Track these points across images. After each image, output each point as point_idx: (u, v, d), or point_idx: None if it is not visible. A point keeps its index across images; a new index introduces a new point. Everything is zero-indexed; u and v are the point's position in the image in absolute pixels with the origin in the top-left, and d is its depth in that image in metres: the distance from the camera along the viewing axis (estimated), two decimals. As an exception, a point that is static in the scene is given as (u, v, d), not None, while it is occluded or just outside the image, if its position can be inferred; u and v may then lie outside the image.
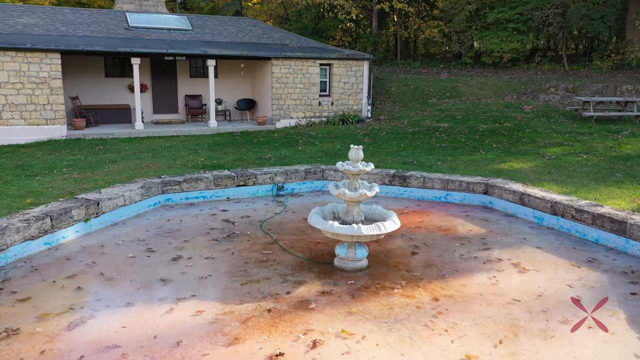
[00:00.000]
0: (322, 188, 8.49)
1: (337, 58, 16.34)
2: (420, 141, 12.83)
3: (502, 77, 21.65)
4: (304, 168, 8.42)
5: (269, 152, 11.33)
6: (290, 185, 8.22)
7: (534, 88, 19.47)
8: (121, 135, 13.24)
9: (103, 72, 15.18)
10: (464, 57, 28.19)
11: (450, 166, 9.78)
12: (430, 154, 11.16)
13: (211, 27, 17.88)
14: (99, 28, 15.54)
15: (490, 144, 12.23)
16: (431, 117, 16.25)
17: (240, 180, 7.77)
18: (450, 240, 5.87)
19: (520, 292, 4.42)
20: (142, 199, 6.79)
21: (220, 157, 10.60)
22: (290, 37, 18.66)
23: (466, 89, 19.40)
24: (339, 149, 11.80)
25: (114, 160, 10.07)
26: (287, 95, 15.78)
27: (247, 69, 17.17)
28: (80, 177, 8.36)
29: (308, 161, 10.27)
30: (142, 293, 4.26)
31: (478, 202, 7.63)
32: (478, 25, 26.53)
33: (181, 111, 16.55)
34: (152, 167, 9.48)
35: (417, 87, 19.38)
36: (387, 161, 10.30)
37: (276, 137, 13.85)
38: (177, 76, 16.32)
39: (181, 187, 7.34)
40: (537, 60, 25.65)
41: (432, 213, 7.15)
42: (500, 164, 10.02)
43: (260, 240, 5.75)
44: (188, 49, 13.99)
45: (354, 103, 16.96)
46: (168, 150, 11.44)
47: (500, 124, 14.69)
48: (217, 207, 7.18)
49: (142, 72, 15.69)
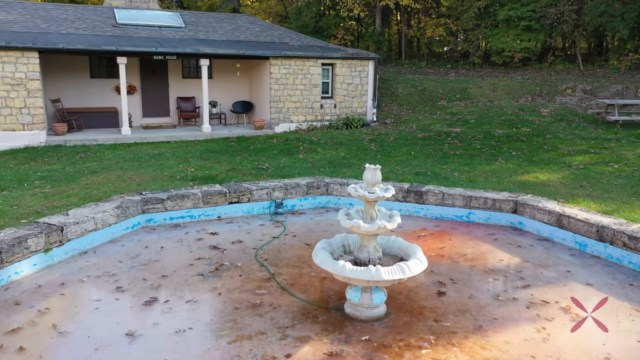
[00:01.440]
0: (327, 204, 7.64)
1: (341, 57, 15.51)
2: (431, 148, 11.99)
3: (514, 78, 20.81)
4: (306, 182, 7.57)
5: (266, 161, 10.49)
6: (291, 202, 7.37)
7: (549, 89, 18.63)
8: (106, 142, 12.39)
9: (88, 73, 14.34)
10: (472, 57, 27.38)
11: (468, 178, 8.93)
12: (445, 162, 10.32)
13: (205, 24, 17.06)
14: (84, 25, 14.72)
15: (508, 152, 11.38)
16: (441, 121, 15.41)
17: (233, 197, 6.91)
18: (480, 274, 5.02)
19: (581, 353, 3.56)
20: (117, 221, 5.94)
21: (213, 167, 9.75)
22: (290, 35, 17.83)
23: (477, 91, 18.56)
24: (343, 157, 10.96)
25: (94, 171, 9.22)
26: (287, 97, 14.95)
27: (244, 69, 16.34)
28: (52, 192, 7.51)
29: (310, 171, 9.42)
30: (100, 357, 3.40)
31: (506, 222, 6.77)
32: (487, 23, 25.71)
33: (173, 114, 15.71)
34: (135, 179, 8.63)
35: (425, 89, 18.54)
36: (398, 171, 9.45)
37: (275, 143, 13.01)
38: (169, 77, 15.48)
39: (165, 206, 6.49)
40: (549, 60, 24.82)
41: (454, 236, 6.29)
42: (524, 175, 9.17)
43: (254, 274, 4.89)
44: (179, 48, 13.16)
45: (358, 106, 16.12)
46: (156, 159, 10.60)
47: (517, 128, 13.84)
48: (205, 229, 6.33)
49: (130, 72, 14.87)
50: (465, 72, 24.44)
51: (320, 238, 6.04)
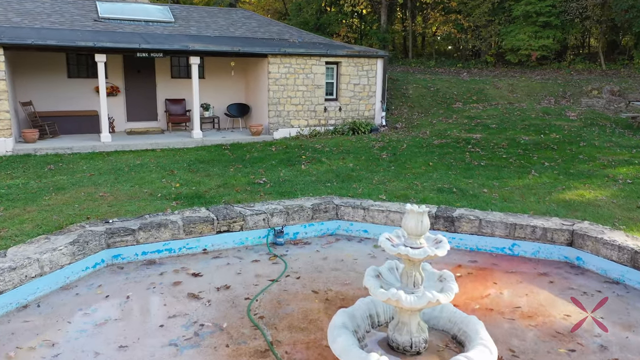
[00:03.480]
0: (336, 231, 6.48)
1: (346, 55, 14.36)
2: (451, 157, 10.83)
3: (533, 78, 19.67)
4: (311, 203, 6.41)
5: (264, 174, 9.33)
6: (293, 228, 6.22)
7: (573, 91, 17.49)
8: (82, 150, 11.23)
9: (65, 72, 13.19)
10: (485, 55, 26.27)
11: (501, 196, 7.78)
12: (469, 175, 9.16)
13: (197, 19, 15.92)
14: (62, 19, 13.57)
15: (540, 162, 10.23)
16: (459, 126, 14.25)
17: (222, 225, 5.75)
18: (547, 341, 3.85)
19: None
20: (73, 260, 4.78)
21: (202, 182, 8.59)
22: (290, 31, 16.70)
23: (495, 92, 17.42)
24: (352, 168, 9.80)
25: (61, 188, 8.05)
26: (287, 99, 13.79)
27: (240, 68, 15.20)
28: (4, 217, 6.35)
29: (314, 187, 8.27)
30: None
31: (559, 257, 5.62)
32: (501, 19, 24.61)
33: (161, 118, 14.56)
34: (108, 198, 7.47)
35: (439, 90, 17.39)
36: (417, 187, 8.30)
37: (273, 151, 11.85)
38: (156, 77, 14.33)
39: (136, 238, 5.33)
40: (568, 58, 23.69)
41: (498, 276, 5.14)
42: (566, 192, 8.02)
43: (245, 342, 3.73)
44: (166, 44, 12.01)
45: (365, 108, 14.97)
46: (136, 171, 9.44)
47: (545, 135, 12.68)
48: (186, 268, 5.17)
49: (112, 72, 13.73)
50: (477, 72, 23.32)
51: (329, 282, 4.90)
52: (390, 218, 6.21)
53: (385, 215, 6.23)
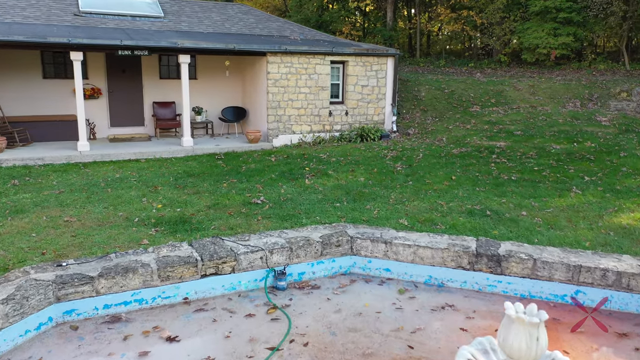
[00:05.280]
0: (350, 269, 5.38)
1: (354, 54, 13.27)
2: (475, 169, 9.74)
3: (554, 79, 18.57)
4: (320, 235, 5.31)
5: (262, 190, 8.24)
6: (298, 267, 5.11)
7: (600, 93, 16.39)
8: (55, 161, 10.14)
9: (40, 73, 12.10)
10: (498, 54, 25.20)
11: (544, 220, 6.69)
12: (501, 193, 8.06)
13: (189, 14, 14.84)
14: (38, 13, 12.50)
15: (578, 176, 9.13)
16: (479, 132, 13.15)
17: (208, 266, 4.65)
18: None
19: None
20: (5, 324, 3.67)
21: (188, 202, 7.49)
22: (291, 27, 15.62)
23: (515, 94, 16.32)
24: (364, 183, 8.70)
25: (20, 210, 6.95)
26: (288, 102, 12.70)
27: (236, 68, 14.11)
28: (-61, 252, 5.25)
29: (321, 207, 7.17)
30: None
31: (638, 309, 4.50)
32: (517, 16, 23.54)
33: (148, 123, 13.46)
34: (74, 224, 6.38)
35: (454, 92, 16.29)
36: (442, 208, 7.20)
37: (273, 161, 10.76)
38: (143, 78, 13.24)
39: (96, 288, 4.22)
40: (589, 57, 22.60)
41: (564, 338, 4.02)
42: (619, 215, 6.92)
43: None
44: (152, 41, 10.92)
45: (374, 112, 13.88)
46: (114, 188, 8.33)
47: (578, 143, 11.58)
48: (159, 329, 4.07)
49: (94, 72, 12.64)
50: (491, 72, 22.24)
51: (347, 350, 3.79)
52: (419, 255, 5.11)
53: (413, 251, 5.13)
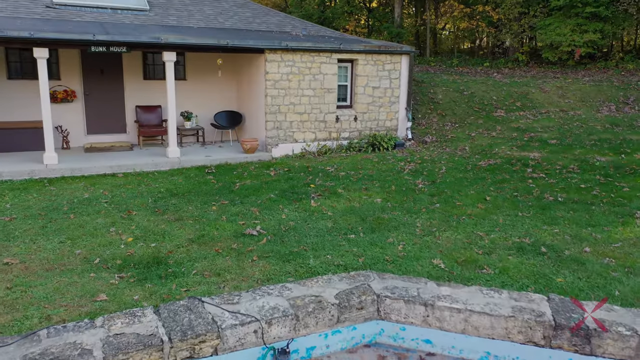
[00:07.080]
0: (375, 338, 4.07)
1: (364, 51, 11.96)
2: (510, 186, 8.42)
3: (582, 80, 17.26)
4: (335, 293, 4.00)
5: (258, 216, 6.92)
6: (306, 341, 3.80)
7: (636, 95, 15.09)
8: (15, 176, 8.83)
9: (4, 72, 10.81)
10: (516, 53, 23.92)
11: (617, 260, 5.41)
12: (551, 220, 6.74)
13: (179, 7, 13.56)
14: (4, 5, 11.21)
15: (636, 196, 7.81)
16: (506, 141, 11.83)
17: (179, 349, 3.33)
18: None
19: None
20: None
21: (167, 233, 6.17)
22: (292, 22, 14.34)
23: (542, 97, 15.01)
24: (381, 206, 7.38)
25: (-48, 246, 5.63)
26: (289, 106, 11.39)
27: (231, 68, 12.80)
28: None
29: (332, 239, 5.88)
30: None
31: None
32: (537, 11, 22.25)
33: (130, 130, 12.15)
34: (14, 268, 5.06)
35: (474, 94, 14.98)
36: (482, 242, 5.90)
37: (272, 176, 9.45)
38: (124, 78, 11.93)
39: (8, 391, 2.89)
40: (616, 56, 21.29)
41: None
42: None
43: None
44: (131, 36, 9.62)
45: (386, 117, 12.57)
46: (78, 213, 7.01)
47: (626, 154, 10.26)
48: None
49: (67, 72, 11.35)
50: (509, 72, 20.93)
51: None
52: (472, 324, 3.79)
53: (464, 318, 3.81)
